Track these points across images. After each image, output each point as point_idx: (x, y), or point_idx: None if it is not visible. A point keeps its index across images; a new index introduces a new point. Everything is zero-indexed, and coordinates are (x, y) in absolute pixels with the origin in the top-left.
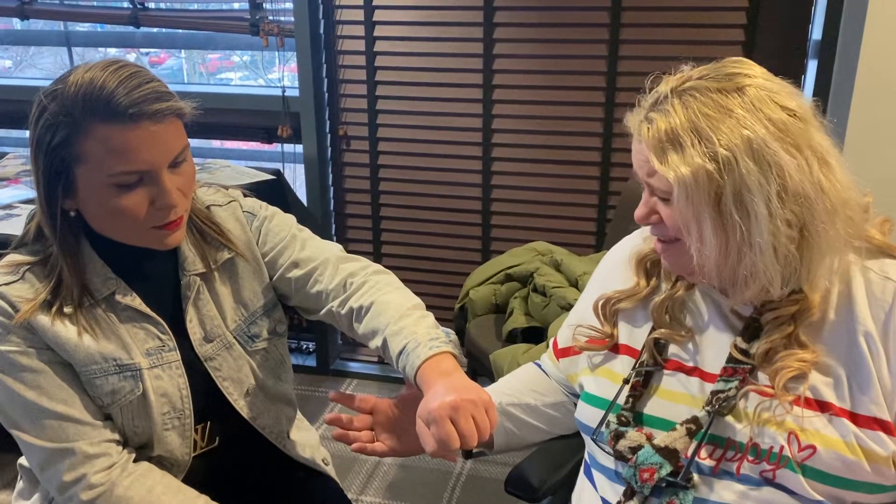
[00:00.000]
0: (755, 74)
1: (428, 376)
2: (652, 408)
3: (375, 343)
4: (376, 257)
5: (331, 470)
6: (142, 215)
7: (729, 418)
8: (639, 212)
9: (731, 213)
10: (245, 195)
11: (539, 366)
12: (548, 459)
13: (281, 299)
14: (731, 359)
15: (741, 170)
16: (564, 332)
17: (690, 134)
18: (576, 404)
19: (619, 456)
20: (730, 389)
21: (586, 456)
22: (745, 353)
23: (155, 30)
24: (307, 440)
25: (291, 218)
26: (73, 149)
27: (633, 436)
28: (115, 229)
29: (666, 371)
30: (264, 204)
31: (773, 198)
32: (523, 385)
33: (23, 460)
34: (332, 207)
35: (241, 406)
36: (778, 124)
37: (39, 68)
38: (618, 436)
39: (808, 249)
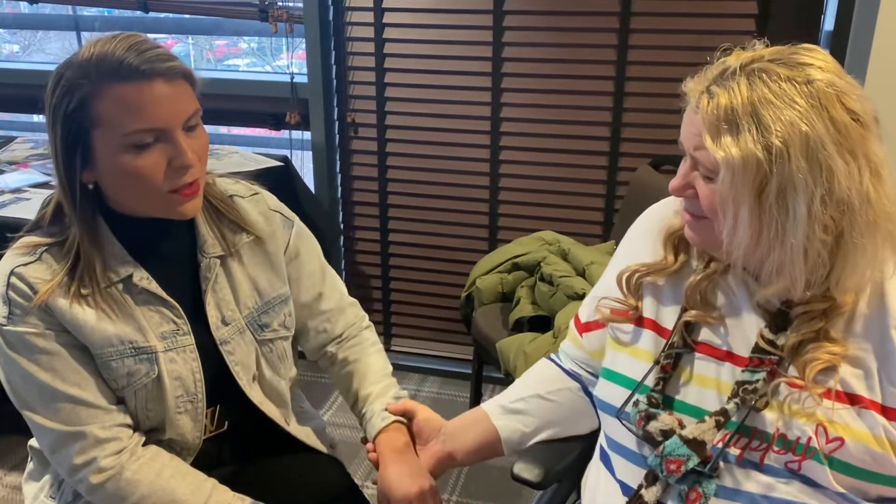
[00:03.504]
0: (827, 68)
1: (382, 451)
2: (684, 393)
3: (349, 402)
4: (383, 245)
5: (337, 454)
6: (159, 177)
7: (761, 410)
8: (675, 183)
9: (771, 206)
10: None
11: (551, 359)
12: (555, 447)
13: None
14: (757, 348)
15: (791, 166)
16: (587, 306)
17: (750, 117)
18: (582, 389)
19: (647, 438)
20: (757, 381)
21: (603, 439)
22: (771, 343)
23: (163, 15)
24: (313, 427)
25: (317, 244)
26: (88, 112)
27: (665, 419)
28: (133, 197)
29: (697, 355)
30: (292, 213)
31: (817, 200)
32: (531, 379)
33: (33, 442)
34: (339, 195)
35: (248, 391)
36: (839, 126)
37: (47, 53)
38: (649, 417)
39: (841, 258)
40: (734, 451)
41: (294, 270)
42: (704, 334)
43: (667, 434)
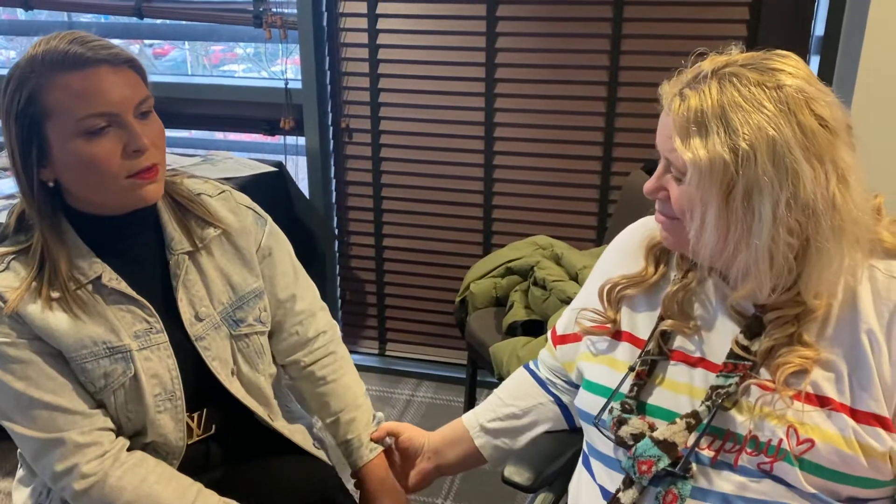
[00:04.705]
0: (798, 74)
1: (368, 482)
2: (655, 398)
3: (324, 419)
4: (377, 250)
5: (323, 454)
6: (115, 163)
7: (730, 411)
8: (649, 185)
9: (737, 208)
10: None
11: (528, 369)
12: (544, 451)
13: None
14: (731, 354)
15: (758, 169)
16: (565, 318)
17: (718, 120)
18: (556, 401)
19: (620, 442)
20: (729, 385)
21: (584, 445)
22: (746, 349)
23: (159, 21)
24: (299, 427)
25: (289, 244)
26: (39, 105)
27: (635, 423)
28: (92, 188)
29: (671, 361)
30: (265, 212)
31: (782, 203)
32: (505, 395)
33: None
34: (334, 200)
35: (228, 385)
36: (807, 131)
37: None
38: (620, 422)
39: (808, 262)
40: (708, 454)
41: (267, 269)
42: (679, 341)
43: (637, 437)
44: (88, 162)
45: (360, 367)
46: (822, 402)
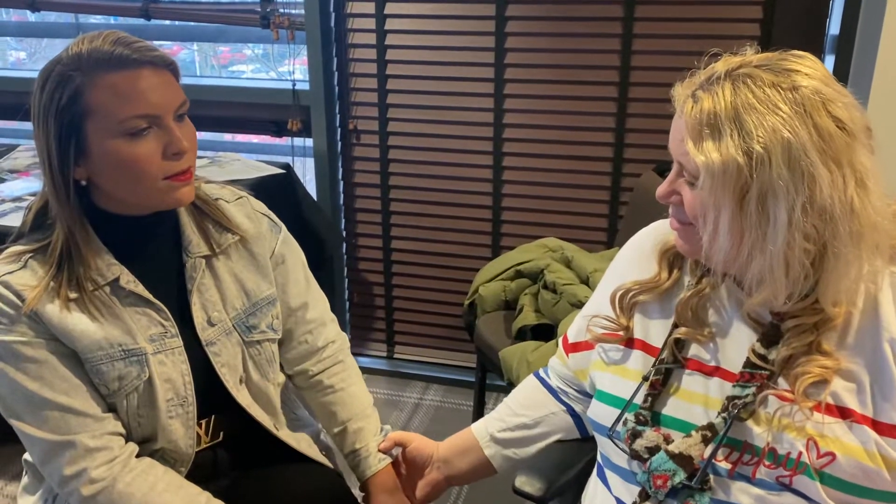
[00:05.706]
0: (814, 75)
1: (376, 492)
2: (670, 408)
3: (331, 428)
4: (385, 252)
5: (330, 461)
6: (155, 164)
7: (747, 422)
8: (661, 189)
9: (752, 213)
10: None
11: (538, 377)
12: (556, 461)
13: None
14: (748, 363)
15: (772, 172)
16: (576, 325)
17: (731, 123)
18: (568, 411)
19: (635, 455)
20: (747, 396)
21: (599, 457)
22: (763, 358)
23: (167, 22)
24: (307, 434)
25: (302, 253)
26: (82, 103)
27: (650, 436)
28: (128, 187)
29: (686, 371)
30: (279, 220)
31: (797, 208)
32: (516, 404)
33: (28, 456)
34: (341, 201)
35: (235, 393)
36: (823, 134)
37: None
38: (635, 434)
39: (825, 269)
40: (726, 465)
41: (280, 276)
42: (694, 350)
43: (652, 450)
44: (128, 162)
45: (367, 371)
46: (843, 413)
